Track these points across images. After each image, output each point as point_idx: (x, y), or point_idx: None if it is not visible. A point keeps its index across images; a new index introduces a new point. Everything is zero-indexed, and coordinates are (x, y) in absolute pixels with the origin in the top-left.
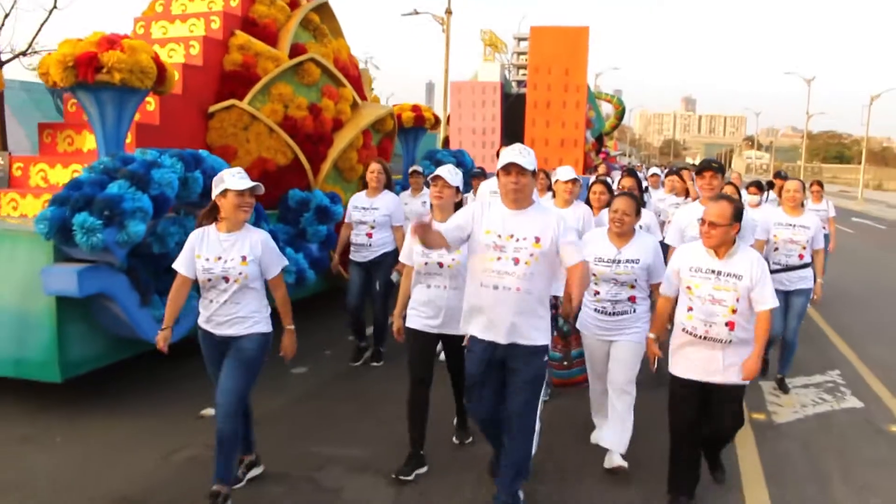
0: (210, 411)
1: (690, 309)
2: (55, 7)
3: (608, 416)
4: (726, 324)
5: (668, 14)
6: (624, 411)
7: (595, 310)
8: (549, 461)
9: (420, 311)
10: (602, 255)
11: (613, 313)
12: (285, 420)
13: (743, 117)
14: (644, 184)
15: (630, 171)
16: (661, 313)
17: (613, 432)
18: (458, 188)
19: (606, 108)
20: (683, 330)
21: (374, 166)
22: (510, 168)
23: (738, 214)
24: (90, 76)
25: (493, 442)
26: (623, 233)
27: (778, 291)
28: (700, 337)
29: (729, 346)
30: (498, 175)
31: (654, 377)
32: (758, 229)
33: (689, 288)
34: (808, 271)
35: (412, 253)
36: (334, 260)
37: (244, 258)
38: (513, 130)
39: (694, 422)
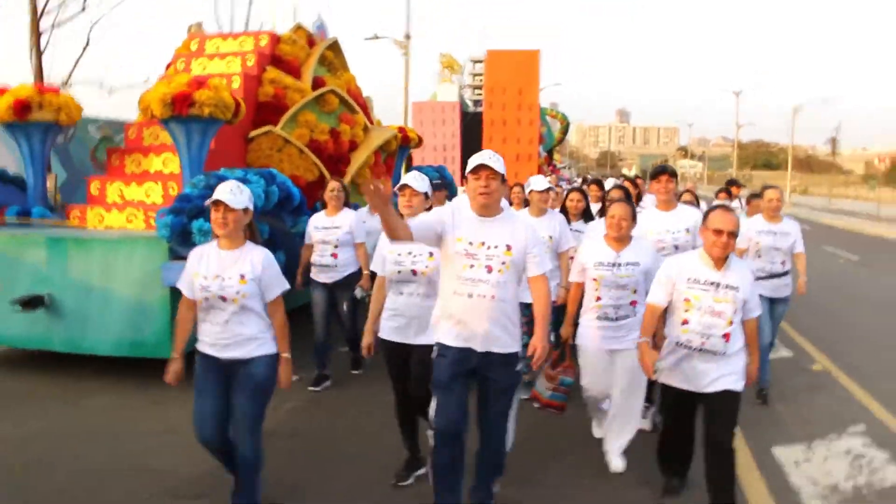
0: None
1: (686, 322)
2: (88, 44)
3: (611, 417)
4: (723, 335)
5: (601, 28)
6: (630, 414)
7: (598, 317)
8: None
9: (390, 321)
10: (602, 260)
11: (617, 318)
12: (354, 385)
13: (676, 128)
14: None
15: (600, 184)
16: (651, 321)
17: (614, 434)
18: (426, 194)
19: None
20: (678, 343)
21: (333, 184)
22: (480, 171)
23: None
24: (184, 110)
25: (441, 483)
26: (621, 237)
27: (762, 297)
28: (696, 349)
29: (723, 357)
30: (467, 179)
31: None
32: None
33: (686, 300)
34: (789, 278)
35: (384, 262)
36: (297, 280)
37: (243, 276)
38: (471, 147)
39: (690, 430)
